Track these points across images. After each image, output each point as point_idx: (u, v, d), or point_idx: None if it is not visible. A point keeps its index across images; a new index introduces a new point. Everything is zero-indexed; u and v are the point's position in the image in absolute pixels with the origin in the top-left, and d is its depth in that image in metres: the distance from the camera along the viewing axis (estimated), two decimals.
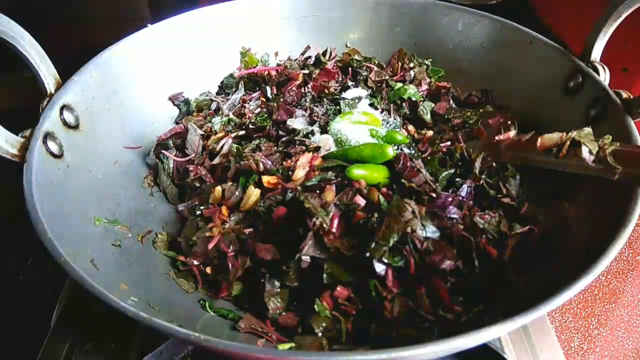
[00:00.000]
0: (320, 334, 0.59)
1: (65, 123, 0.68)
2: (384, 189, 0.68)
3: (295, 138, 0.79)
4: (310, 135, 0.79)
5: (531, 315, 0.44)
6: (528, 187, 0.74)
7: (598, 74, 0.74)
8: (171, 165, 0.83)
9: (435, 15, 0.97)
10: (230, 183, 0.74)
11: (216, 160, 0.79)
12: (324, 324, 0.60)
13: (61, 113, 0.67)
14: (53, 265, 0.50)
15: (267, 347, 0.58)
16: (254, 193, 0.70)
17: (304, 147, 0.77)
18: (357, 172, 0.69)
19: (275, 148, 0.80)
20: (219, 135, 0.83)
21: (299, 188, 0.67)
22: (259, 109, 0.88)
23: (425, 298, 0.59)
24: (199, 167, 0.80)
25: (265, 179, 0.71)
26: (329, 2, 1.00)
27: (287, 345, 0.58)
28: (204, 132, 0.85)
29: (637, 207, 0.54)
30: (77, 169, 0.67)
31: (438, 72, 0.97)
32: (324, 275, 0.61)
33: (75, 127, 0.70)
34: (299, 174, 0.70)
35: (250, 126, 0.83)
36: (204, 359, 0.68)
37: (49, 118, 0.65)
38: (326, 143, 0.77)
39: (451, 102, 0.91)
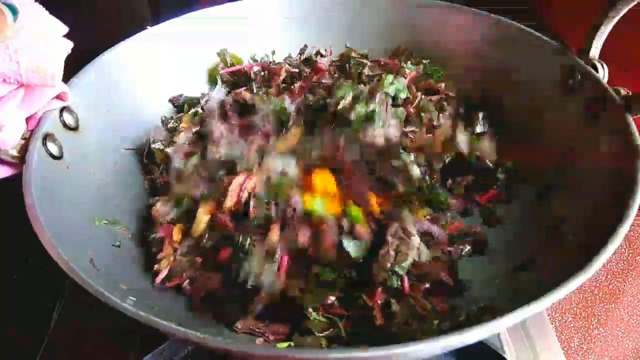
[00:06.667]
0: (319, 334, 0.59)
1: (65, 125, 0.68)
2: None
3: None
4: None
5: (529, 311, 0.44)
6: (528, 187, 0.74)
7: (597, 71, 0.73)
8: None
9: (435, 15, 0.97)
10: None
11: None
12: (320, 327, 0.60)
13: (61, 115, 0.67)
14: (53, 265, 0.50)
15: (267, 346, 0.58)
16: (202, 220, 0.63)
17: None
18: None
19: None
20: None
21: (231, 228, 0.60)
22: None
23: (424, 300, 0.59)
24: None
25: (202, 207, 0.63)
26: (329, 2, 1.00)
27: (285, 344, 0.58)
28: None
29: (635, 206, 0.53)
30: (77, 170, 0.67)
31: (438, 72, 0.97)
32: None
33: (75, 128, 0.70)
34: (228, 202, 0.62)
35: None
36: (204, 359, 0.68)
37: (48, 119, 0.65)
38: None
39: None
